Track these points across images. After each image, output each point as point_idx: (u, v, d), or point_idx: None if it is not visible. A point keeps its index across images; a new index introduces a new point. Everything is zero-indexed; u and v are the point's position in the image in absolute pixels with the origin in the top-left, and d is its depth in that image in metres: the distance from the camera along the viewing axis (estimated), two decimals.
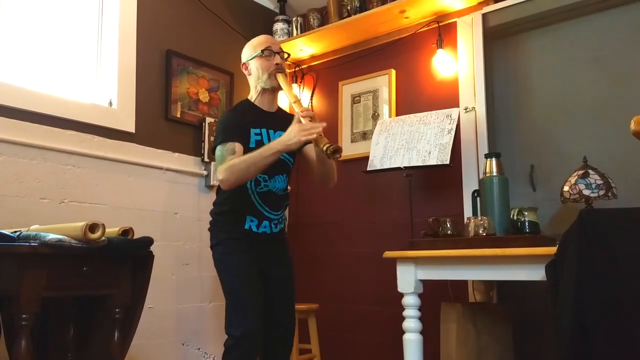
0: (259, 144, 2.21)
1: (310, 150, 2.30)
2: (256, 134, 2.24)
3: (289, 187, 2.37)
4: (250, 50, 2.34)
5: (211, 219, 2.34)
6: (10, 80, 2.46)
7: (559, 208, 2.56)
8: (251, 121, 2.25)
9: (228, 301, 2.17)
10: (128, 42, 2.87)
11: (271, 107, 2.34)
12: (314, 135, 2.03)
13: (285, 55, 2.38)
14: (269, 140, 2.22)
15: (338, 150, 1.99)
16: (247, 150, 2.17)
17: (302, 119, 2.08)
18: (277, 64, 2.27)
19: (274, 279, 2.29)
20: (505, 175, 2.29)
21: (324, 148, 1.99)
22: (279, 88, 2.29)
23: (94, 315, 2.17)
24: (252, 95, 2.35)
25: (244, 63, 2.35)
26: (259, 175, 2.16)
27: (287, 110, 2.56)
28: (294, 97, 2.22)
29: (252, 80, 2.35)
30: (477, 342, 2.30)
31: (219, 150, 2.17)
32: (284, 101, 2.86)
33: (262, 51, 2.28)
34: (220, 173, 2.11)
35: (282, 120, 2.26)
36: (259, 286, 2.19)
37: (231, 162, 2.09)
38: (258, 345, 2.12)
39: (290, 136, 2.05)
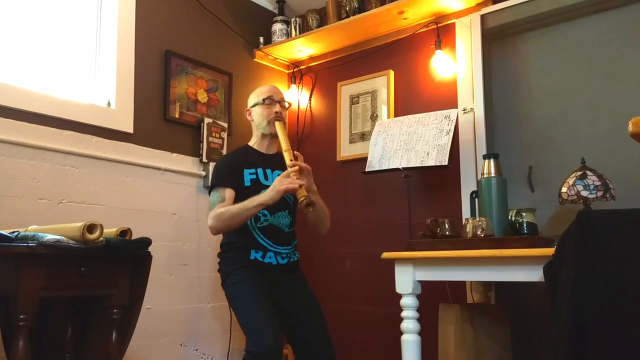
0: (254, 182, 2.38)
1: None
2: (251, 174, 2.40)
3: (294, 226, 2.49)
4: (254, 98, 2.53)
5: (219, 260, 2.43)
6: (9, 80, 2.46)
7: (557, 209, 2.57)
8: (245, 163, 2.42)
9: (242, 323, 2.21)
10: (126, 42, 2.87)
11: (270, 150, 2.51)
12: (292, 186, 2.15)
13: (287, 104, 2.55)
14: (266, 178, 2.40)
15: (310, 204, 2.14)
16: (242, 189, 2.34)
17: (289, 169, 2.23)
18: (276, 112, 2.44)
19: (292, 308, 2.33)
20: (503, 176, 2.29)
21: (300, 200, 2.15)
22: (277, 135, 2.42)
23: (92, 316, 2.17)
24: (253, 140, 2.55)
25: (247, 109, 2.57)
26: (259, 212, 2.28)
27: None
28: (287, 146, 2.34)
29: (253, 126, 2.55)
30: (476, 343, 2.30)
31: (211, 196, 2.36)
32: None
33: (264, 100, 2.47)
34: (209, 219, 2.28)
35: (280, 161, 2.33)
36: (270, 304, 2.22)
37: (219, 211, 2.25)
38: (276, 358, 2.11)
39: (272, 187, 2.20)
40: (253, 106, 2.51)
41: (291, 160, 2.26)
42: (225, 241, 2.42)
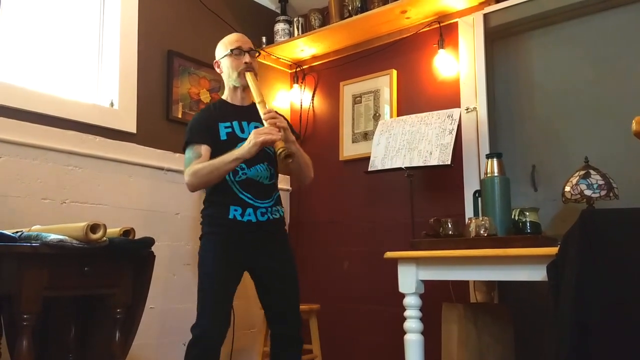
0: (230, 135, 2.28)
1: None
2: (226, 127, 2.31)
3: (277, 178, 2.41)
4: (221, 49, 2.40)
5: (201, 216, 2.39)
6: (12, 80, 2.47)
7: (561, 208, 2.56)
8: (220, 117, 2.32)
9: (198, 298, 2.23)
10: (129, 42, 2.87)
11: (244, 102, 2.40)
12: (270, 137, 2.09)
13: (256, 54, 2.42)
14: (242, 131, 2.30)
15: (290, 155, 2.10)
16: (218, 143, 2.24)
17: (264, 121, 2.17)
18: (246, 62, 2.32)
19: (269, 272, 2.31)
20: (506, 176, 2.29)
21: (278, 152, 2.09)
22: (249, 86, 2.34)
23: (95, 315, 2.18)
24: (225, 93, 2.42)
25: (216, 61, 2.42)
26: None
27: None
28: (260, 97, 2.25)
29: (224, 78, 2.42)
30: (479, 343, 2.29)
31: (186, 153, 2.27)
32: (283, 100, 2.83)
33: (232, 50, 2.33)
34: (185, 176, 2.21)
35: (256, 112, 2.25)
36: (230, 286, 2.24)
37: (195, 167, 2.18)
38: (215, 345, 2.15)
39: (249, 140, 2.12)
40: (221, 58, 2.38)
41: (265, 112, 2.18)
42: (206, 198, 2.36)
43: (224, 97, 2.43)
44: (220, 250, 2.24)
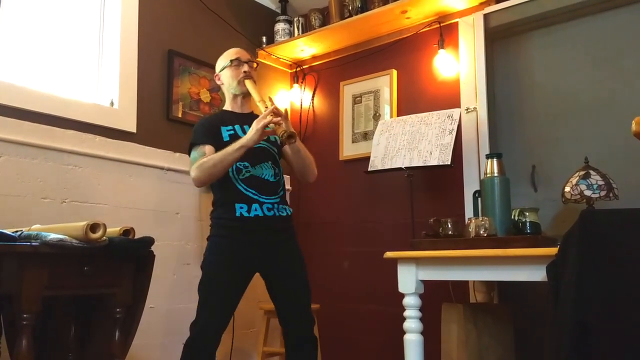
0: (233, 137, 2.33)
1: (285, 146, 2.39)
2: (228, 130, 2.37)
3: (283, 177, 2.44)
4: (221, 62, 2.50)
5: (210, 218, 2.43)
6: (12, 79, 2.47)
7: (560, 209, 2.56)
8: (222, 122, 2.40)
9: (199, 297, 2.28)
10: (130, 42, 2.87)
11: (244, 109, 2.48)
12: (268, 119, 2.15)
13: (255, 65, 2.51)
14: (244, 133, 2.33)
15: (292, 135, 2.12)
16: (221, 144, 2.29)
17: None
18: (245, 71, 2.42)
19: (279, 272, 2.33)
20: (506, 176, 2.29)
21: (280, 134, 2.12)
22: (249, 94, 2.42)
23: (95, 315, 2.18)
24: (226, 104, 2.51)
25: (216, 75, 2.52)
26: (239, 164, 2.28)
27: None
28: (259, 97, 2.33)
29: (225, 90, 2.51)
30: (478, 343, 2.30)
31: (191, 154, 2.34)
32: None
33: (231, 61, 2.43)
34: (191, 172, 2.28)
35: (255, 118, 2.29)
36: (232, 290, 2.27)
37: (200, 160, 2.25)
38: (210, 343, 2.21)
39: (251, 129, 2.20)
40: (221, 70, 2.48)
41: (266, 107, 2.23)
42: (214, 199, 2.41)
43: (225, 107, 2.52)
44: (225, 254, 2.28)
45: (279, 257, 2.32)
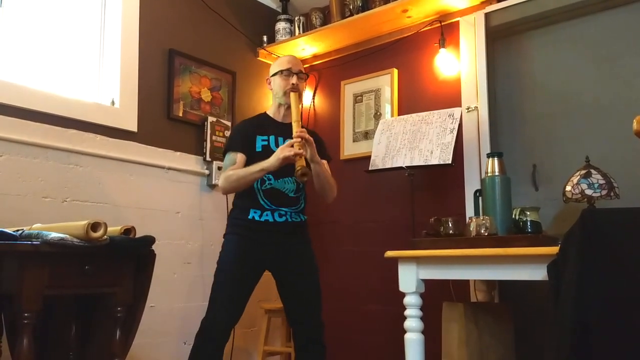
0: (265, 148, 2.45)
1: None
2: (263, 140, 2.48)
3: (305, 192, 2.55)
4: (274, 68, 2.59)
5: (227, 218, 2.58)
6: (13, 79, 2.47)
7: (561, 208, 2.56)
8: (259, 129, 2.50)
9: (211, 292, 2.40)
10: (130, 41, 2.87)
11: (285, 119, 2.54)
12: (291, 153, 2.22)
13: (305, 77, 2.59)
14: (277, 145, 2.43)
15: (305, 174, 2.21)
16: (254, 154, 2.42)
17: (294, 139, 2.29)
18: (293, 83, 2.48)
19: (289, 274, 2.44)
20: (507, 175, 2.29)
21: (296, 169, 2.20)
22: None
23: (96, 314, 2.18)
24: (271, 109, 2.62)
25: (267, 78, 2.62)
26: (265, 176, 2.38)
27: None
28: (296, 117, 2.40)
29: (272, 95, 2.62)
30: (479, 342, 2.29)
31: (225, 159, 2.48)
32: None
33: (282, 71, 2.52)
34: (219, 181, 2.43)
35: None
36: (244, 284, 2.38)
37: (228, 173, 2.38)
38: (218, 337, 2.33)
39: (275, 154, 2.28)
40: (273, 76, 2.56)
41: (297, 130, 2.32)
42: (234, 201, 2.55)
43: (268, 112, 2.62)
44: (239, 249, 2.40)
45: (290, 259, 2.43)
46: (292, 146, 2.25)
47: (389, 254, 2.22)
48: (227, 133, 3.22)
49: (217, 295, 2.36)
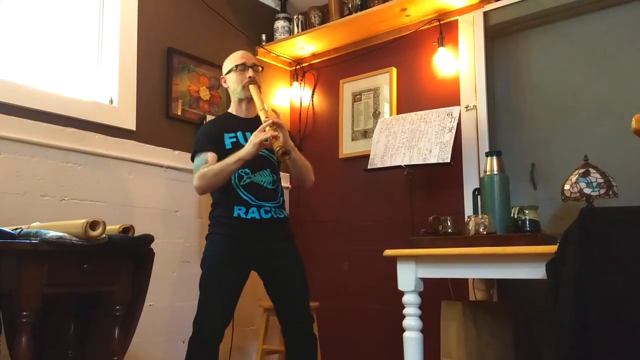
0: (235, 145, 2.41)
1: None
2: (231, 137, 2.44)
3: (281, 184, 2.52)
4: (227, 65, 2.56)
5: (209, 218, 2.51)
6: (11, 77, 2.46)
7: (560, 206, 2.56)
8: (225, 128, 2.47)
9: (199, 294, 2.35)
10: (129, 39, 2.87)
11: (248, 114, 2.54)
12: (267, 135, 2.20)
13: (260, 69, 2.57)
14: (246, 141, 2.37)
15: (287, 152, 2.20)
16: (223, 152, 2.37)
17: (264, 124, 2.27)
18: (249, 77, 2.47)
19: (276, 271, 2.41)
20: (506, 174, 2.29)
21: (276, 150, 2.19)
22: (253, 99, 2.46)
23: (95, 313, 2.18)
24: (232, 107, 2.59)
25: (222, 77, 2.59)
26: (241, 171, 2.35)
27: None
28: (261, 106, 2.38)
29: (230, 93, 2.59)
30: (478, 340, 2.30)
31: (194, 161, 2.42)
32: None
33: (237, 66, 2.49)
34: (194, 180, 2.35)
35: (260, 124, 2.34)
36: (232, 284, 2.34)
37: (203, 170, 2.32)
38: (210, 340, 2.29)
39: (249, 142, 2.25)
40: (227, 73, 2.54)
41: (266, 117, 2.30)
42: (213, 200, 2.49)
43: (230, 110, 2.59)
44: (224, 249, 2.35)
45: (275, 257, 2.40)
46: (264, 130, 2.23)
47: (388, 252, 2.22)
48: None
49: (205, 297, 2.32)
